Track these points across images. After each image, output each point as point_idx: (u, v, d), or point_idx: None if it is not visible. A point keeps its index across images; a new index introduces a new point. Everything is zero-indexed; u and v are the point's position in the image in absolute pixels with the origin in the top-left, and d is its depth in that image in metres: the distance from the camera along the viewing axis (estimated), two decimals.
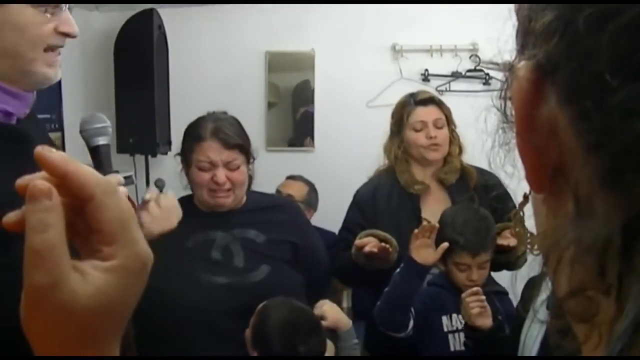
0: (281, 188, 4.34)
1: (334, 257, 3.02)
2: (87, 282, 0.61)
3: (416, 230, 2.66)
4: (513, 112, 0.53)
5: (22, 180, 0.62)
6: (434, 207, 2.97)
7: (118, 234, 0.64)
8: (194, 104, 3.36)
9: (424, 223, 2.81)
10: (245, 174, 2.62)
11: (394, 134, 3.15)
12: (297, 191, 4.32)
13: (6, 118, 1.65)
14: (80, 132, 1.85)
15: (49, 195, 0.60)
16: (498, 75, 0.58)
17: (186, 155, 2.64)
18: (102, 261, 0.63)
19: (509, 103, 0.54)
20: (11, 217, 0.63)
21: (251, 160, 2.68)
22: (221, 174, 2.55)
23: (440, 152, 3.06)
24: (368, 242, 2.85)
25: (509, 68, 0.53)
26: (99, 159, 1.82)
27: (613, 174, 0.44)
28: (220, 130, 2.56)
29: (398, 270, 2.67)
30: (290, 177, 4.47)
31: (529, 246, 0.59)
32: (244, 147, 2.60)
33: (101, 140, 1.84)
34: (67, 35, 1.69)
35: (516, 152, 0.53)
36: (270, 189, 3.90)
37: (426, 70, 4.80)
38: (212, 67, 5.01)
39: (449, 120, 3.09)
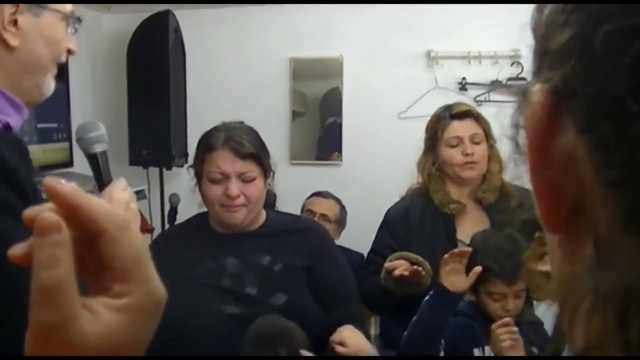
0: (312, 207, 4.29)
1: (362, 281, 2.96)
2: (98, 321, 0.62)
3: (446, 255, 2.62)
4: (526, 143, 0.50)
5: (30, 212, 0.62)
6: (471, 228, 2.92)
7: (131, 271, 0.64)
8: (212, 113, 3.36)
9: (460, 246, 2.80)
10: (262, 189, 2.57)
11: (427, 149, 3.13)
12: (330, 210, 4.28)
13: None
14: (77, 141, 1.90)
15: (59, 229, 0.60)
16: None
17: (197, 167, 2.62)
18: (114, 299, 0.63)
19: (522, 132, 0.52)
20: (17, 250, 0.62)
21: (270, 174, 2.64)
22: (234, 187, 2.50)
23: (477, 170, 3.03)
24: (399, 265, 2.82)
25: (522, 92, 0.51)
26: (97, 166, 1.85)
27: (637, 213, 0.43)
28: (232, 138, 2.53)
29: (427, 298, 2.63)
30: (318, 194, 4.41)
31: (541, 294, 0.58)
32: (259, 158, 2.55)
33: (98, 148, 1.86)
34: (70, 52, 1.80)
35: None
36: (294, 206, 3.91)
37: (463, 78, 4.80)
38: (232, 74, 5.10)
39: (488, 135, 3.05)
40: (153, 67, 4.58)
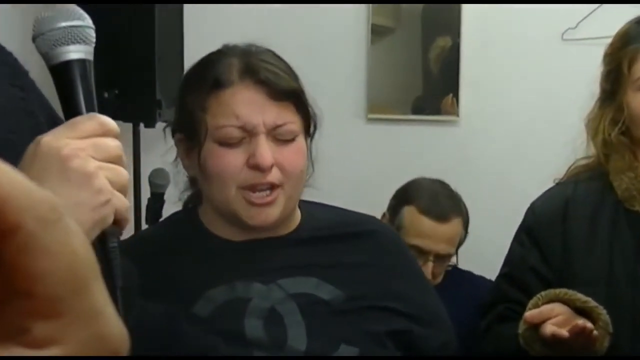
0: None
1: (485, 331, 3.03)
2: None
3: None
4: None
5: None
6: None
7: (64, 300, 0.62)
8: (229, 31, 3.30)
9: None
10: (305, 154, 2.53)
11: (606, 97, 3.09)
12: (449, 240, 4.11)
13: None
14: (34, 38, 1.71)
15: None
16: None
17: (190, 122, 2.51)
18: (32, 348, 0.61)
19: None
20: None
21: (311, 132, 2.60)
22: (265, 149, 2.40)
23: None
24: (551, 315, 2.76)
25: None
26: (71, 87, 1.69)
27: None
28: (256, 67, 2.44)
29: None
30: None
31: None
32: (301, 99, 2.50)
33: (74, 54, 1.69)
34: None
35: None
36: (377, 192, 3.86)
37: None
38: None
39: None
40: None
